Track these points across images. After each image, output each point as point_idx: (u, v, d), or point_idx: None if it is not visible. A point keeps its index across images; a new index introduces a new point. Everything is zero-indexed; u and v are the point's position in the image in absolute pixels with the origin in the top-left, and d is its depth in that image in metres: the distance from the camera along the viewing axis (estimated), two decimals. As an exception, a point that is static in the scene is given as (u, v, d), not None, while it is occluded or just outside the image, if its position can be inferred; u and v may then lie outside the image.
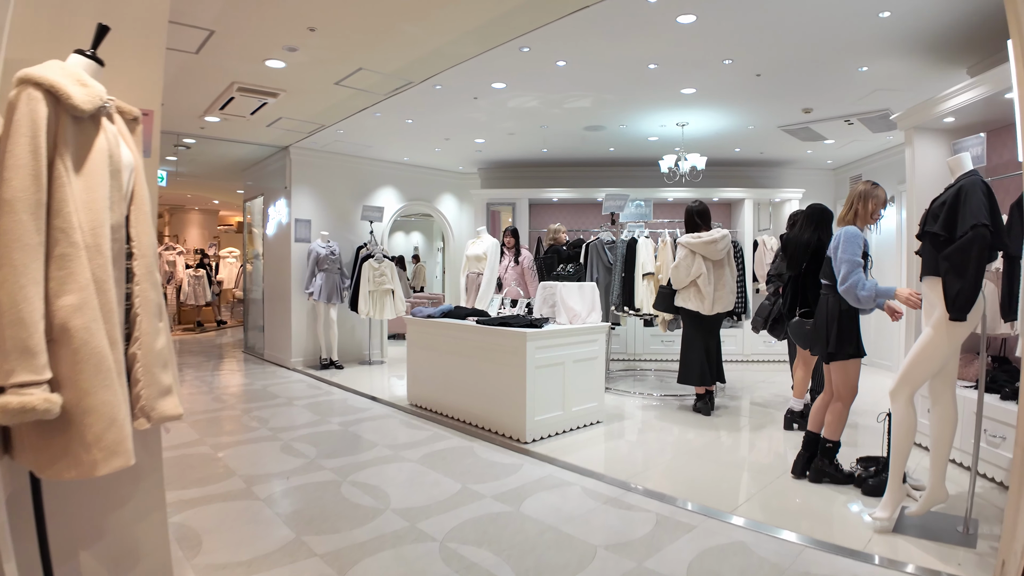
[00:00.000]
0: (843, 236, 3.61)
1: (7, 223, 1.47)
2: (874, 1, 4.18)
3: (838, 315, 3.73)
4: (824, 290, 3.89)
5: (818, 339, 3.87)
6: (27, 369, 1.44)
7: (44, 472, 1.60)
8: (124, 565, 2.15)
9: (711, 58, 5.21)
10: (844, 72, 5.50)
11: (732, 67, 5.40)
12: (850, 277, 3.51)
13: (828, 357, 3.82)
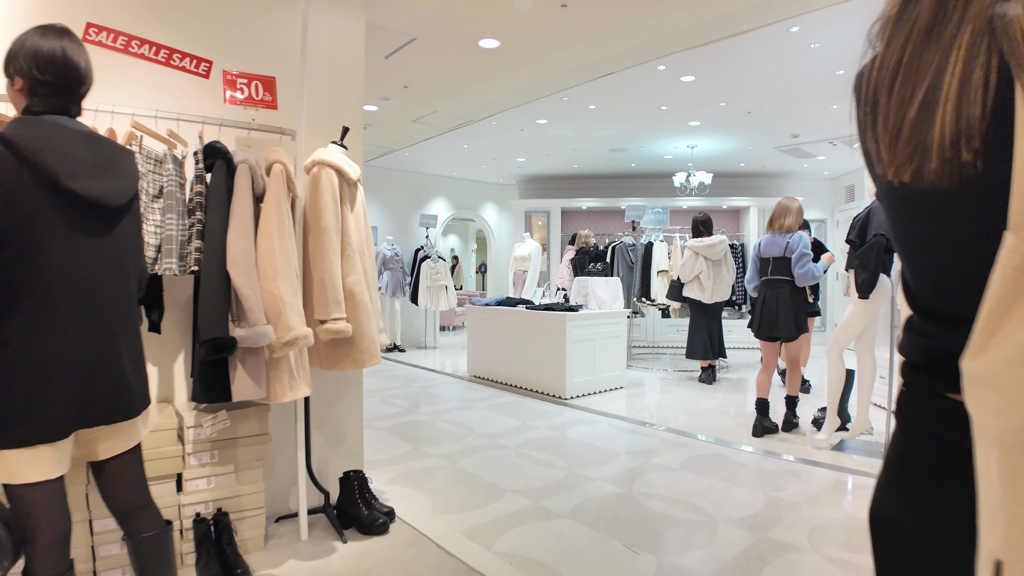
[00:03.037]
0: (792, 240, 5.03)
1: (325, 239, 3.01)
2: (832, 63, 5.62)
3: (797, 303, 5.13)
4: (783, 285, 5.22)
5: (786, 324, 5.22)
6: (337, 311, 2.97)
7: (332, 367, 3.13)
8: (337, 440, 3.67)
9: (709, 102, 6.68)
10: (819, 110, 6.93)
11: (727, 107, 6.87)
12: (807, 264, 4.94)
13: (797, 334, 5.18)
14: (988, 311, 0.73)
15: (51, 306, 1.57)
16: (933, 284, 0.91)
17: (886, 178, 0.88)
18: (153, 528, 1.89)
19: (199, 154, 2.62)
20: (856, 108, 0.97)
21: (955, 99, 0.78)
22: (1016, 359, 0.70)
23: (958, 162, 0.79)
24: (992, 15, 0.78)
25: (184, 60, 3.05)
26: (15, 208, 1.51)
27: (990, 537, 0.74)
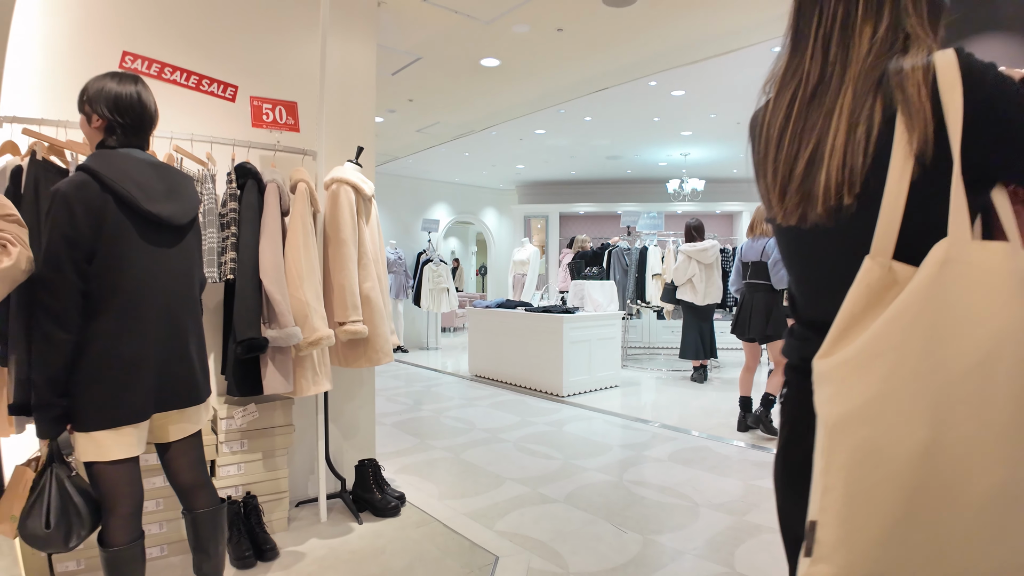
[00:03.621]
0: (768, 245, 5.32)
1: (344, 250, 3.32)
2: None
3: (774, 306, 5.40)
4: (759, 289, 5.46)
5: (755, 326, 5.44)
6: (355, 314, 3.29)
7: (349, 365, 3.44)
8: (351, 432, 3.99)
9: (700, 114, 7.00)
10: (804, 120, 7.24)
11: (717, 119, 7.20)
12: (781, 268, 5.24)
13: (766, 339, 5.40)
14: (841, 319, 0.88)
15: (133, 309, 1.89)
16: (812, 298, 1.07)
17: (776, 219, 1.06)
18: (210, 505, 2.21)
19: (232, 174, 2.94)
20: (751, 150, 1.12)
21: (840, 154, 0.92)
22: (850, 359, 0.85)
23: (840, 206, 0.94)
24: (885, 71, 0.91)
25: (212, 85, 3.37)
26: (102, 228, 1.83)
27: (812, 503, 0.88)
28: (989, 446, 0.78)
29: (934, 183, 0.86)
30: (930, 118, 0.85)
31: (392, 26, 4.53)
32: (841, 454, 0.84)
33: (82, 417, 1.82)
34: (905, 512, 0.80)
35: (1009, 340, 0.79)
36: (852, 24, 0.97)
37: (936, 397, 0.79)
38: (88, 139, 2.05)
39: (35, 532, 1.79)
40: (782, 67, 1.06)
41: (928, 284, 0.81)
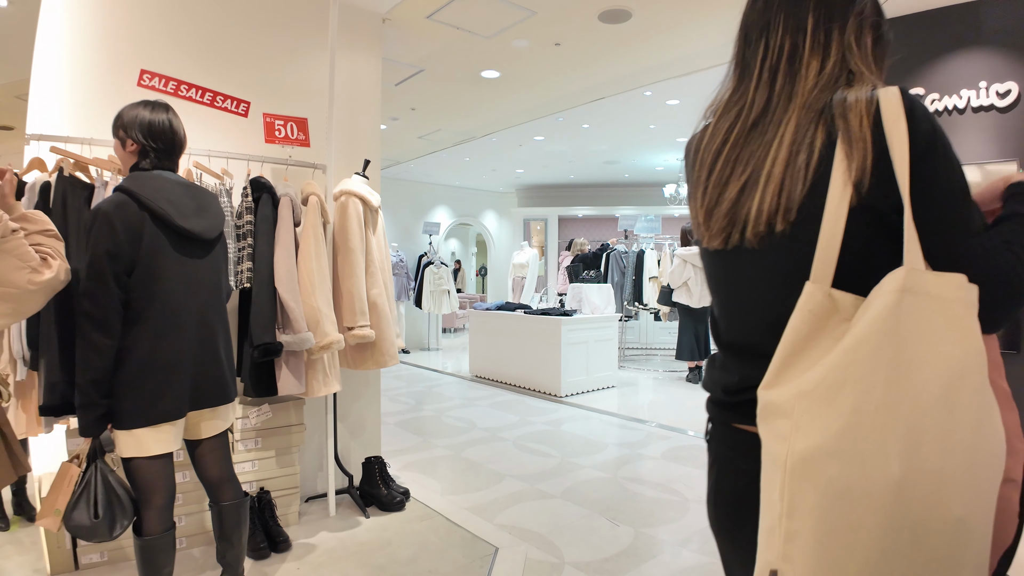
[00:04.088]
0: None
1: (352, 259, 3.50)
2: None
3: None
4: None
5: None
6: (363, 320, 3.47)
7: (357, 367, 3.63)
8: (358, 431, 4.17)
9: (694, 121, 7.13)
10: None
11: (711, 126, 7.38)
12: None
13: None
14: (784, 347, 0.84)
15: (170, 316, 2.08)
16: (735, 321, 1.05)
17: (702, 242, 1.07)
18: (235, 498, 2.40)
19: (247, 188, 3.12)
20: (688, 170, 1.13)
21: (777, 181, 0.92)
22: (804, 391, 0.80)
23: (770, 232, 0.93)
24: (828, 102, 0.92)
25: (226, 102, 3.55)
26: (141, 243, 2.02)
27: (768, 551, 0.83)
28: (953, 480, 0.76)
29: (868, 212, 0.87)
30: (870, 148, 0.86)
31: (396, 41, 4.71)
32: (810, 495, 0.78)
33: (124, 416, 2.00)
34: (880, 553, 0.76)
35: (968, 370, 0.78)
36: (799, 57, 0.98)
37: (905, 429, 0.76)
38: (122, 162, 2.24)
39: (81, 523, 1.97)
40: (726, 95, 1.07)
41: (888, 313, 0.78)
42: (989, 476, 0.80)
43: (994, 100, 4.04)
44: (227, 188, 3.18)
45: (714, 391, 1.10)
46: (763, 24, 1.03)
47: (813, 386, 0.80)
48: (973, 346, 0.79)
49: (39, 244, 1.94)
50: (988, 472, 0.80)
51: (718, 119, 1.06)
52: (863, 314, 0.81)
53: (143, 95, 3.20)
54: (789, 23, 1.00)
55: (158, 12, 3.36)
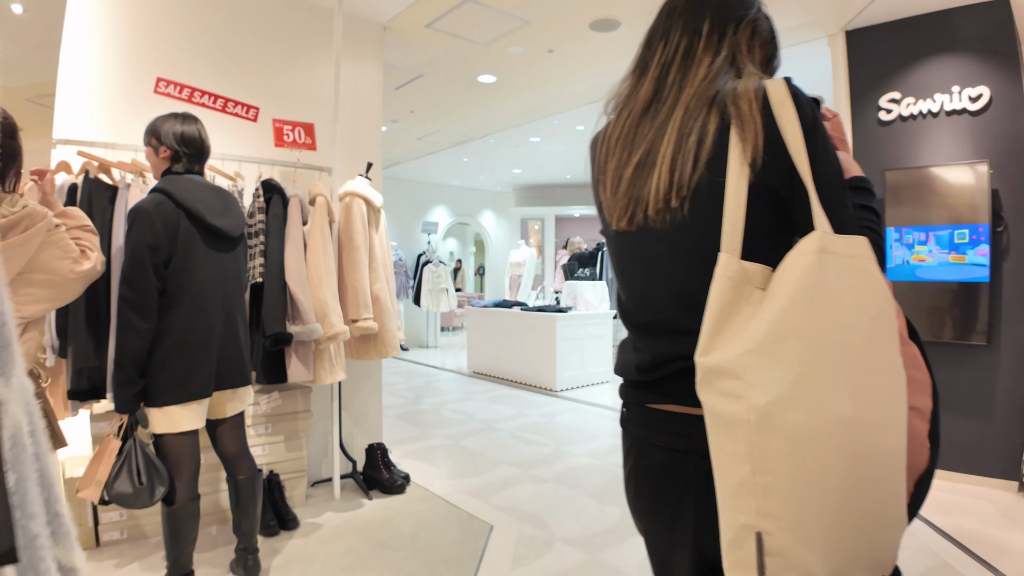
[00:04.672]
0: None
1: (356, 256, 3.72)
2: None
3: None
4: None
5: None
6: (366, 312, 3.68)
7: (361, 358, 3.84)
8: (360, 419, 4.37)
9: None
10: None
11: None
12: None
13: None
14: (712, 313, 0.89)
15: (200, 304, 2.31)
16: (645, 303, 1.07)
17: (609, 225, 1.10)
18: (250, 472, 2.62)
19: (259, 189, 3.34)
20: (591, 166, 1.18)
21: (670, 161, 0.98)
22: (750, 349, 0.84)
23: (668, 209, 0.99)
24: (719, 90, 0.99)
25: (236, 107, 3.77)
26: (176, 237, 2.25)
27: (742, 513, 0.83)
28: (886, 414, 0.84)
29: (764, 189, 0.94)
30: (760, 130, 0.93)
31: (396, 48, 4.93)
32: (780, 446, 0.81)
33: (158, 394, 2.23)
34: (846, 489, 0.80)
35: (883, 315, 0.87)
36: (693, 55, 1.06)
37: (847, 372, 0.82)
38: (153, 167, 2.46)
39: (123, 491, 2.18)
40: (626, 92, 1.14)
41: (813, 270, 0.85)
42: (903, 406, 0.89)
43: (966, 104, 4.24)
44: (239, 189, 3.40)
45: (627, 373, 1.12)
46: (664, 30, 1.11)
47: (758, 343, 0.83)
48: (886, 295, 0.88)
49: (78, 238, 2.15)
50: (903, 403, 0.89)
51: (617, 116, 1.12)
52: (786, 274, 0.87)
53: (160, 101, 3.44)
54: (687, 28, 1.09)
55: (173, 23, 3.57)
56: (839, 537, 0.81)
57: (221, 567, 2.86)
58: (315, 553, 3.05)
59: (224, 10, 3.74)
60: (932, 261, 4.23)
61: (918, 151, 4.39)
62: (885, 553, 0.86)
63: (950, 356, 4.18)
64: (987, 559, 2.98)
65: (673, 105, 1.03)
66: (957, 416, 4.15)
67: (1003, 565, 2.91)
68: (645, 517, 1.10)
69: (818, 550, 0.80)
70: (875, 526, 0.83)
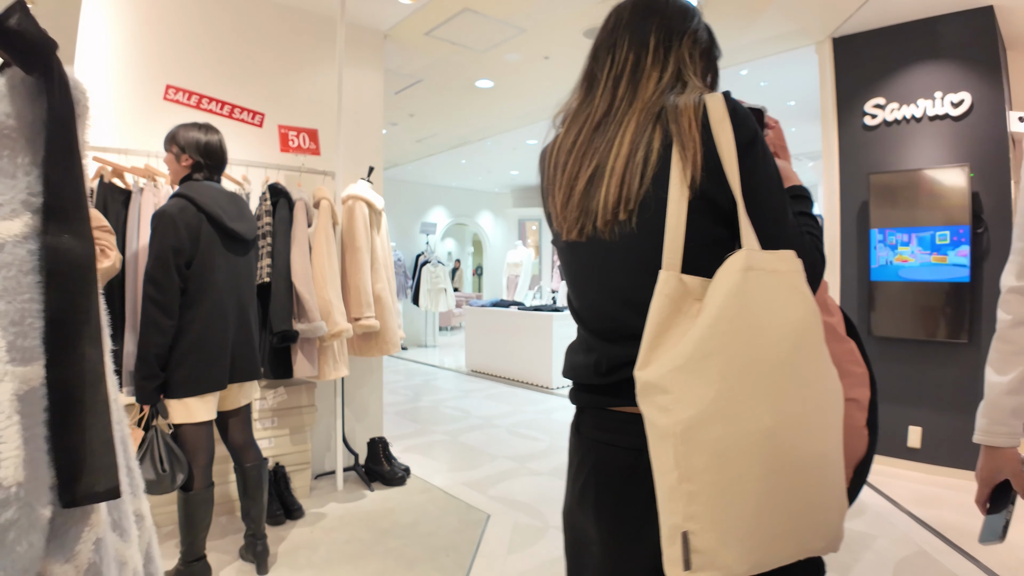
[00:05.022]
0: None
1: (359, 256, 3.86)
2: (781, 96, 6.51)
3: None
4: None
5: None
6: (368, 311, 3.82)
7: (363, 354, 3.99)
8: (362, 415, 4.52)
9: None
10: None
11: (695, 131, 7.75)
12: None
13: None
14: (650, 330, 0.92)
15: (217, 303, 2.46)
16: (598, 310, 1.09)
17: (560, 235, 1.11)
18: (257, 460, 2.77)
19: (266, 193, 3.47)
20: (541, 178, 1.20)
21: (619, 175, 1.00)
22: (680, 367, 0.88)
23: (616, 222, 1.01)
24: (664, 105, 1.01)
25: (243, 113, 3.91)
26: (199, 240, 2.41)
27: (673, 515, 0.88)
28: (811, 421, 0.90)
29: (707, 203, 0.97)
30: (699, 147, 0.95)
31: (396, 55, 5.07)
32: (701, 457, 0.87)
33: (177, 386, 2.37)
34: (766, 494, 0.87)
35: (808, 328, 0.91)
36: (642, 69, 1.07)
37: (768, 387, 0.87)
38: (174, 173, 2.61)
39: (148, 478, 2.32)
40: (575, 104, 1.16)
41: (737, 289, 0.89)
42: (836, 412, 0.95)
43: (948, 109, 4.38)
44: (246, 193, 3.54)
45: (582, 376, 1.12)
46: (611, 43, 1.12)
47: (684, 360, 0.88)
48: (810, 308, 0.93)
49: (96, 238, 2.29)
50: (835, 409, 0.95)
51: (567, 128, 1.14)
52: (715, 293, 0.91)
53: (170, 108, 3.58)
54: (634, 41, 1.10)
55: (182, 32, 3.71)
56: (759, 536, 0.87)
57: (230, 554, 3.00)
58: (320, 541, 3.19)
59: (230, 19, 3.88)
60: (915, 262, 4.37)
61: (902, 155, 4.53)
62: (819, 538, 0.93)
63: (934, 354, 4.33)
64: (965, 548, 3.12)
65: (623, 120, 1.05)
66: (941, 412, 4.30)
67: (980, 553, 3.04)
68: (607, 521, 1.07)
69: (737, 548, 0.86)
70: (803, 521, 0.90)
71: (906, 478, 4.22)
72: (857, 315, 4.68)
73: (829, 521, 0.94)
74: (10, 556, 0.56)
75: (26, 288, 0.60)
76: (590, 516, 1.09)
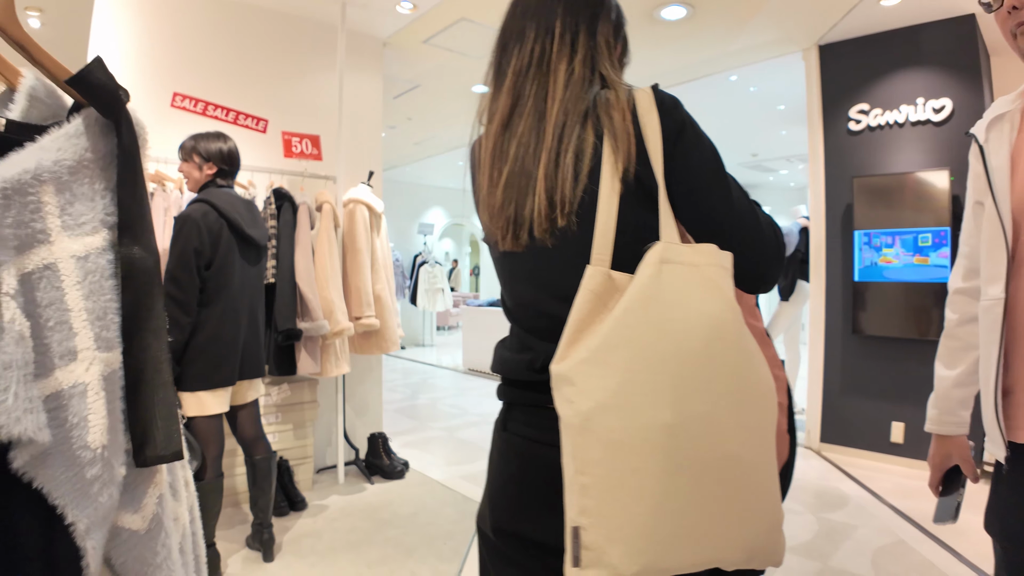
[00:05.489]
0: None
1: (359, 258, 4.00)
2: (771, 100, 6.66)
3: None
4: None
5: None
6: (368, 311, 3.96)
7: (364, 352, 4.12)
8: (362, 411, 4.66)
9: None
10: (770, 134, 7.97)
11: (688, 134, 7.89)
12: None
13: None
14: (571, 324, 0.89)
15: (232, 303, 2.63)
16: (535, 308, 1.05)
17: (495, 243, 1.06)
18: (265, 453, 2.92)
19: (271, 197, 3.61)
20: (471, 178, 1.16)
21: (545, 181, 0.95)
22: (586, 359, 0.85)
23: (554, 228, 0.96)
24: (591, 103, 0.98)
25: (247, 120, 4.05)
26: (219, 244, 2.56)
27: (569, 509, 0.84)
28: (721, 421, 0.86)
29: (637, 198, 0.95)
30: (632, 141, 0.93)
31: (395, 61, 5.21)
32: (595, 449, 0.84)
33: (192, 380, 2.52)
34: (663, 494, 0.83)
35: (724, 324, 0.88)
36: (548, 61, 1.02)
37: (672, 382, 0.84)
38: (193, 179, 2.76)
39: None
40: (487, 102, 1.10)
41: (650, 282, 0.87)
42: (759, 413, 0.91)
43: (930, 115, 4.53)
44: (251, 197, 3.67)
45: (514, 372, 1.08)
46: (518, 31, 1.07)
47: (591, 353, 0.85)
48: (726, 303, 0.89)
49: None
50: (757, 410, 0.91)
51: (486, 127, 1.09)
52: (631, 286, 0.89)
53: (177, 115, 3.72)
54: (540, 29, 1.04)
55: (188, 41, 3.85)
56: (653, 537, 0.83)
57: (238, 543, 3.14)
58: (323, 530, 3.33)
59: (235, 29, 4.02)
60: (898, 263, 4.52)
61: (885, 159, 4.68)
62: (737, 550, 0.88)
63: (917, 352, 4.47)
64: (942, 539, 3.26)
65: (535, 118, 1.00)
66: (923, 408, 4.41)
67: (956, 543, 3.18)
68: (534, 519, 1.01)
69: (624, 547, 0.82)
70: (710, 528, 0.86)
71: (889, 472, 4.37)
72: (842, 314, 4.83)
73: (750, 532, 0.89)
74: (94, 505, 0.70)
75: (107, 290, 0.74)
76: (515, 515, 1.04)
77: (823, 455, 4.79)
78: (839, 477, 4.29)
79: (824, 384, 4.96)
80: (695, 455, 0.84)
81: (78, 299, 0.71)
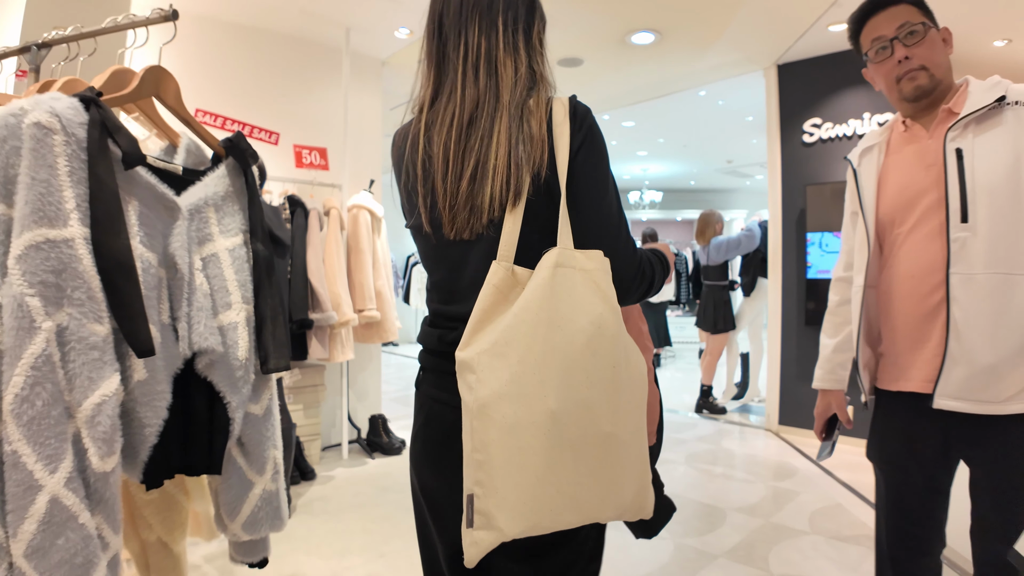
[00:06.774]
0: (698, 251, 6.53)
1: (362, 257, 4.48)
2: (740, 112, 7.19)
3: (723, 303, 6.43)
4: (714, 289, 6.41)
5: (710, 319, 6.48)
6: (370, 304, 4.45)
7: (366, 341, 4.61)
8: (363, 395, 5.12)
9: (650, 139, 8.24)
10: (742, 143, 8.51)
11: (666, 143, 8.44)
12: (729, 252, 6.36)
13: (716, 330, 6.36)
14: (475, 315, 1.00)
15: None
16: (448, 294, 1.17)
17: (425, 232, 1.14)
18: (287, 424, 3.39)
19: (285, 203, 4.10)
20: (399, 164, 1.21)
21: (503, 171, 1.02)
22: (486, 350, 0.96)
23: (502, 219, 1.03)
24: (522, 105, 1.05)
25: (261, 133, 4.53)
26: None
27: (467, 479, 0.97)
28: (598, 405, 0.96)
29: (544, 203, 1.04)
30: (545, 148, 1.01)
31: (393, 78, 5.70)
32: (491, 431, 0.93)
33: None
34: (547, 468, 0.93)
35: (605, 323, 0.98)
36: (495, 58, 1.07)
37: (558, 373, 0.94)
38: None
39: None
40: (429, 91, 1.16)
41: (545, 284, 0.96)
42: (631, 398, 1.02)
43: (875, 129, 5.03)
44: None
45: (429, 343, 1.19)
46: (460, 22, 1.10)
47: (491, 345, 0.95)
48: (608, 305, 1.00)
49: None
50: (630, 395, 1.02)
51: (428, 114, 1.13)
52: (528, 285, 0.98)
53: (201, 130, 4.18)
54: (483, 23, 1.09)
55: (210, 63, 4.33)
56: (536, 503, 0.93)
57: (259, 504, 3.61)
58: (331, 495, 3.82)
59: (250, 52, 4.51)
60: (845, 262, 5.02)
61: (835, 168, 5.19)
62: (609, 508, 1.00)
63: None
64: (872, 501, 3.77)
65: (494, 115, 1.05)
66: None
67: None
68: (431, 469, 1.17)
69: (509, 513, 0.93)
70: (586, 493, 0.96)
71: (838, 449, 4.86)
72: (796, 308, 5.35)
73: (621, 494, 1.01)
74: (240, 394, 1.20)
75: (245, 269, 1.25)
76: (423, 464, 1.19)
77: (781, 436, 5.31)
78: (793, 454, 4.80)
79: (781, 372, 5.47)
80: (575, 435, 0.94)
81: (231, 273, 1.22)
